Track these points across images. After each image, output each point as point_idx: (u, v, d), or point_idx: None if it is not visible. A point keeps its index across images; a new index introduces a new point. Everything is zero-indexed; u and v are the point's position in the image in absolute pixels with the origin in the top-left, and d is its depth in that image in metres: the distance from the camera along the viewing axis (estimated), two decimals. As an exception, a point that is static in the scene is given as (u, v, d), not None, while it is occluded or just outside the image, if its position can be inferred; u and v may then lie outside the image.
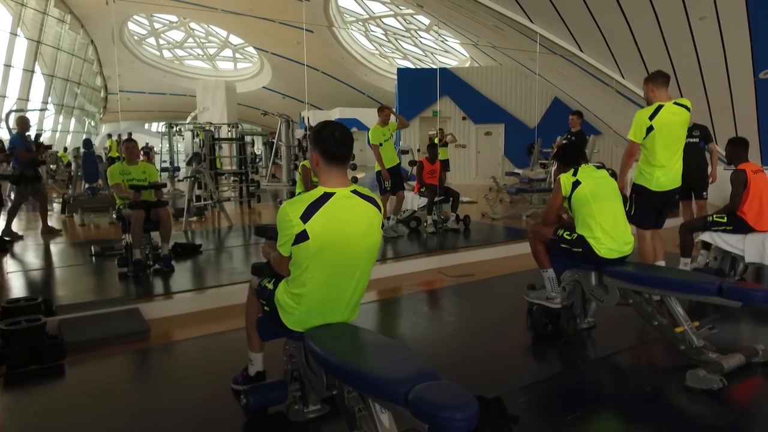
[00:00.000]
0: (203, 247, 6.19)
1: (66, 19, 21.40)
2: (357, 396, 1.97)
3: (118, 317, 3.73)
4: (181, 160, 14.03)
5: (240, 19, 21.51)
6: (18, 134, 7.27)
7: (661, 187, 3.98)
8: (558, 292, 3.51)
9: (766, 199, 4.37)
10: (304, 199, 2.13)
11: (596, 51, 8.62)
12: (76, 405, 2.69)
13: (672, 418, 2.52)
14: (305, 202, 2.11)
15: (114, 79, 24.92)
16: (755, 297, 2.80)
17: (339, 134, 2.17)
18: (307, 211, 2.08)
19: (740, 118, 8.12)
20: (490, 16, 8.94)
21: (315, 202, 2.10)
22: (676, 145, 3.99)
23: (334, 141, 2.16)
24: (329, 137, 2.16)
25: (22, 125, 7.38)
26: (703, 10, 6.66)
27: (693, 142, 5.79)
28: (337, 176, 2.19)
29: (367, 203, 2.20)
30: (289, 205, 2.13)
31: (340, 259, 2.14)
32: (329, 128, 2.19)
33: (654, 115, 3.88)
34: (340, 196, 2.14)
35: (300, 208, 2.09)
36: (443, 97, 14.47)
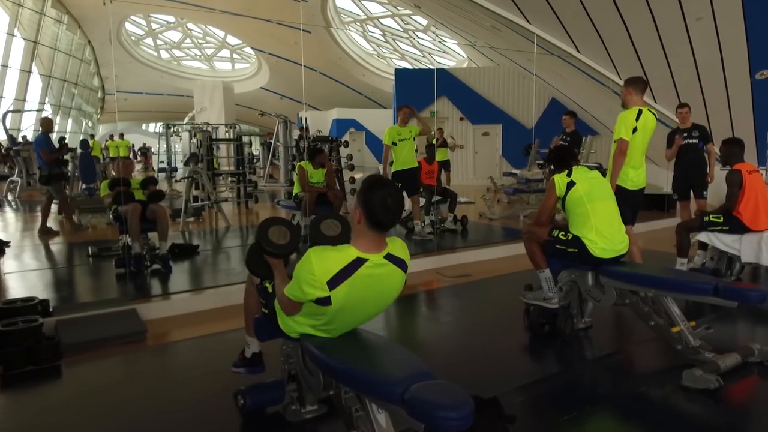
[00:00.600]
0: (200, 248, 6.19)
1: (63, 20, 21.38)
2: (354, 396, 1.98)
3: (115, 318, 3.73)
4: (178, 161, 14.03)
5: (237, 20, 21.50)
6: (42, 135, 7.47)
7: (635, 186, 4.23)
8: (555, 292, 3.52)
9: (762, 199, 4.38)
10: (334, 259, 1.94)
11: (593, 52, 8.63)
12: (73, 406, 2.69)
13: (668, 418, 2.52)
14: (336, 264, 1.93)
15: (111, 80, 24.90)
16: (751, 297, 2.80)
17: (391, 201, 1.94)
18: (337, 277, 1.92)
19: (737, 118, 8.15)
20: (487, 17, 8.95)
21: (346, 268, 1.94)
22: (645, 147, 4.26)
23: (384, 208, 1.94)
24: (380, 203, 1.93)
25: (45, 126, 7.57)
26: (700, 11, 6.68)
27: (692, 142, 5.87)
28: (374, 241, 2.00)
29: (397, 269, 2.07)
30: (318, 259, 1.94)
31: (358, 316, 2.12)
32: (381, 192, 1.95)
33: (637, 117, 4.10)
34: (373, 264, 1.98)
35: (329, 269, 1.92)
36: (441, 98, 14.50)
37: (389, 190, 1.97)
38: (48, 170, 7.24)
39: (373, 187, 1.97)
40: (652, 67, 8.33)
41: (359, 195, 2.00)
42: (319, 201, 6.36)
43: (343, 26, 23.55)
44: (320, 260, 1.94)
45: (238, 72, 30.89)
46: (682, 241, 4.72)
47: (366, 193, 1.96)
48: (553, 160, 3.60)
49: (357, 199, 2.00)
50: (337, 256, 1.95)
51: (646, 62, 8.26)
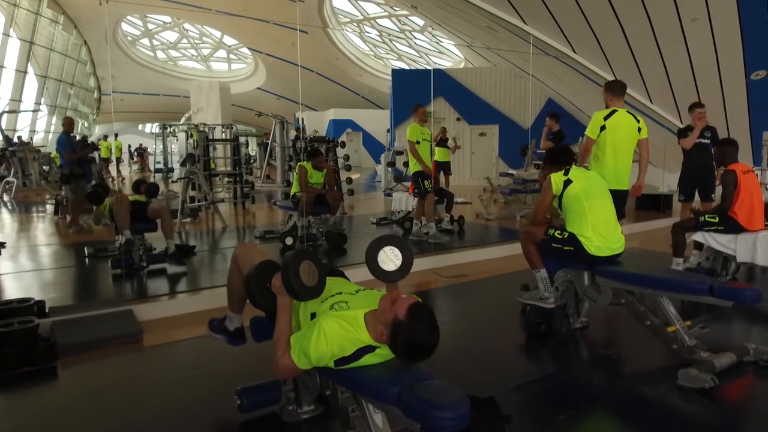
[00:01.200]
0: (197, 249, 6.18)
1: (59, 20, 21.32)
2: (350, 396, 1.98)
3: (111, 319, 3.72)
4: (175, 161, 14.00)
5: (234, 20, 21.49)
6: (63, 134, 7.58)
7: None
8: (551, 292, 3.53)
9: (757, 199, 4.40)
10: (348, 340, 1.86)
11: (589, 52, 8.66)
12: (69, 407, 2.69)
13: (664, 417, 2.53)
14: (349, 346, 1.86)
15: (107, 80, 24.82)
16: (746, 296, 2.82)
17: (429, 346, 1.77)
18: (345, 360, 1.87)
19: (732, 118, 8.18)
20: (483, 18, 8.96)
21: (357, 353, 1.87)
22: (624, 147, 4.33)
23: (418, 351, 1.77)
24: (418, 346, 1.75)
25: (67, 126, 7.67)
26: (695, 12, 6.71)
27: (704, 143, 5.81)
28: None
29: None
30: (333, 336, 1.85)
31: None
32: (421, 336, 1.74)
33: (608, 117, 4.35)
34: (382, 354, 1.90)
35: (343, 349, 1.86)
36: (438, 98, 14.50)
37: (431, 333, 1.76)
38: (69, 169, 7.30)
39: (415, 320, 1.74)
40: (647, 68, 8.36)
41: (394, 326, 1.76)
42: (317, 202, 6.36)
43: (339, 27, 23.56)
44: (335, 338, 1.85)
45: (234, 72, 30.87)
46: (677, 241, 4.73)
47: (407, 332, 1.74)
48: (555, 160, 3.60)
49: (392, 327, 1.77)
50: (350, 336, 1.85)
51: (642, 63, 8.29)
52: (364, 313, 1.92)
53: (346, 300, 2.06)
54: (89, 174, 8.85)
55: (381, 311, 1.84)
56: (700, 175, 5.84)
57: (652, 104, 9.23)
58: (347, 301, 2.05)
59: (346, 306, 2.01)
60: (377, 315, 1.86)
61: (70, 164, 7.30)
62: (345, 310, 1.98)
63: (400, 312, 1.75)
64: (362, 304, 2.00)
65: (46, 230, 8.12)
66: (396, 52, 26.04)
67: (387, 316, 1.79)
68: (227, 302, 2.61)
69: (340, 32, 24.02)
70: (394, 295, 1.85)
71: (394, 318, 1.75)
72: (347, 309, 1.98)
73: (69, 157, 7.27)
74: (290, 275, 2.01)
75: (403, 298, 1.84)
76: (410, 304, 1.76)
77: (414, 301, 1.80)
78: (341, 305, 2.02)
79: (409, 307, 1.75)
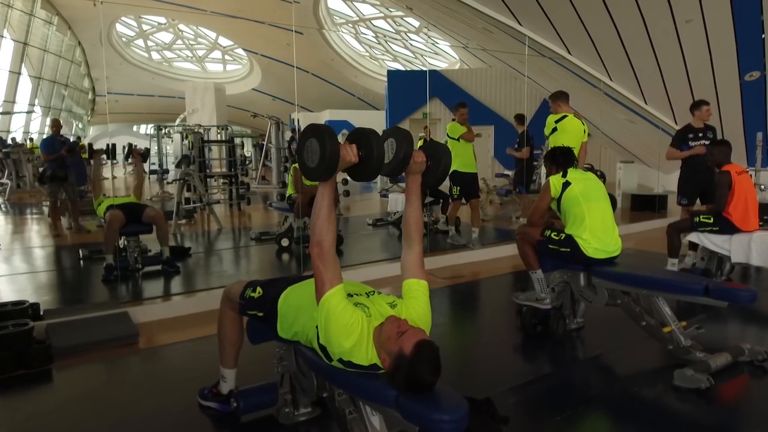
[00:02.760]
0: (193, 250, 6.16)
1: (53, 21, 21.22)
2: (348, 398, 1.97)
3: (106, 321, 3.70)
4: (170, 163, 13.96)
5: (229, 21, 21.42)
6: (48, 136, 7.52)
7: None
8: (547, 293, 3.54)
9: (751, 199, 4.42)
10: (364, 349, 1.82)
11: (584, 54, 8.68)
12: (64, 410, 2.67)
13: (660, 417, 2.54)
14: (361, 356, 1.82)
15: (102, 81, 24.70)
16: (741, 297, 2.83)
17: (429, 384, 1.70)
18: (350, 364, 1.84)
19: (726, 119, 8.22)
20: (479, 19, 8.97)
21: (363, 366, 1.83)
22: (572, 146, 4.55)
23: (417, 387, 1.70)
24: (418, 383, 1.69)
25: (52, 128, 7.66)
26: (690, 14, 6.74)
27: (707, 144, 5.36)
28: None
29: None
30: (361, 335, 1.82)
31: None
32: (423, 376, 1.68)
33: (559, 120, 5.08)
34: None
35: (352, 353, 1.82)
36: (433, 99, 14.51)
37: (435, 366, 1.69)
38: (51, 171, 7.20)
39: (421, 357, 1.68)
40: (642, 69, 8.39)
41: (398, 359, 1.71)
42: (313, 203, 6.34)
43: (335, 28, 23.54)
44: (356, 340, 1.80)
45: (229, 73, 30.79)
46: (672, 242, 4.75)
47: (409, 368, 1.68)
48: (556, 161, 3.61)
49: (395, 359, 1.72)
50: (364, 347, 1.81)
51: (637, 64, 8.32)
52: (373, 327, 1.86)
53: (366, 305, 1.97)
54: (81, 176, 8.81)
55: (386, 338, 1.78)
56: (704, 178, 5.37)
57: (647, 105, 9.26)
58: (368, 306, 1.96)
59: (369, 312, 1.92)
60: (383, 340, 1.80)
61: (53, 165, 7.15)
62: (369, 316, 1.90)
63: (406, 347, 1.70)
64: (377, 313, 1.93)
65: (40, 232, 8.08)
66: (391, 53, 26.02)
67: (392, 347, 1.74)
68: (219, 356, 2.49)
69: (335, 33, 24.01)
70: (402, 325, 1.80)
71: (400, 351, 1.70)
72: (369, 316, 1.90)
73: (45, 158, 7.22)
74: (374, 145, 1.90)
75: (411, 330, 1.78)
76: (417, 342, 1.71)
77: (421, 338, 1.75)
78: (365, 309, 1.93)
79: (416, 345, 1.70)
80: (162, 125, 14.28)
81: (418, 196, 2.16)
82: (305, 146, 1.93)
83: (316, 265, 1.88)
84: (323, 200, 1.93)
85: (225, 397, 2.49)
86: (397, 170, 2.11)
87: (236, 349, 2.48)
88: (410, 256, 2.15)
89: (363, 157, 1.92)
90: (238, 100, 27.06)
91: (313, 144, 1.89)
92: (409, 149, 2.04)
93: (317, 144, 1.87)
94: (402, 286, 2.13)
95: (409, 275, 2.13)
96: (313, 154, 1.89)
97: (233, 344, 2.46)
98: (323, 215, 1.91)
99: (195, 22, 25.61)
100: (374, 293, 2.12)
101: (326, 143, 1.84)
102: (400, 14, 20.92)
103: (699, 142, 5.44)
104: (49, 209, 7.42)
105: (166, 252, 5.19)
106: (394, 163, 2.06)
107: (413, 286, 2.10)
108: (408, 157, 2.05)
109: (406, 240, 2.17)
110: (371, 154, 1.91)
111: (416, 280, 2.11)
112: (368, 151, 1.91)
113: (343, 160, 1.89)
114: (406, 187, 2.18)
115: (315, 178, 1.93)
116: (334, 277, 1.87)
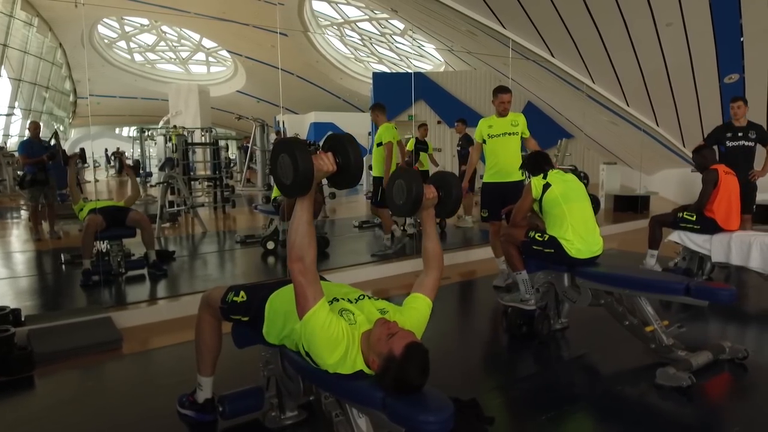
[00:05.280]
0: (177, 254, 6.11)
1: (33, 22, 20.92)
2: (334, 401, 1.97)
3: (89, 326, 3.66)
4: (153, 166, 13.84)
5: (213, 23, 21.29)
6: (27, 139, 7.40)
7: (491, 179, 4.74)
8: (532, 293, 3.57)
9: (734, 200, 4.50)
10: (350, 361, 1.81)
11: (567, 56, 8.77)
12: (47, 417, 2.63)
13: (643, 415, 2.58)
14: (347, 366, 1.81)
15: (84, 83, 24.43)
16: (721, 296, 2.88)
17: (417, 386, 1.70)
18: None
19: (706, 121, 8.34)
20: (463, 22, 9.02)
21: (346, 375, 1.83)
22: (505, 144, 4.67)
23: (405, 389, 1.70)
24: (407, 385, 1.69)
25: (31, 130, 7.50)
26: (670, 17, 6.84)
27: (748, 145, 5.12)
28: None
29: None
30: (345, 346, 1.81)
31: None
32: (412, 378, 1.68)
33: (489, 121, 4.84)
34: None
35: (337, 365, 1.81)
36: (418, 102, 14.58)
37: (422, 371, 1.70)
38: (31, 175, 7.09)
39: (410, 359, 1.68)
40: (624, 71, 8.50)
41: (387, 361, 1.70)
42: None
43: (320, 30, 23.52)
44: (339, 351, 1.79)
45: (213, 75, 30.59)
46: (654, 234, 4.84)
47: (399, 369, 1.67)
48: (529, 167, 3.68)
49: (384, 361, 1.72)
50: (349, 358, 1.81)
51: (619, 67, 8.43)
52: (361, 333, 1.86)
53: (352, 311, 1.96)
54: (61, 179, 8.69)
55: (375, 340, 1.78)
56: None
57: (629, 107, 9.38)
58: (354, 312, 1.95)
59: (354, 319, 1.91)
60: (372, 343, 1.80)
61: (33, 169, 7.02)
62: (353, 324, 1.89)
63: (396, 349, 1.70)
64: (364, 319, 1.92)
65: (20, 236, 7.96)
66: (377, 56, 26.06)
67: (382, 348, 1.74)
68: (196, 363, 2.45)
69: (320, 35, 23.98)
70: (392, 327, 1.80)
71: (389, 353, 1.71)
72: (354, 324, 1.89)
73: (23, 161, 7.12)
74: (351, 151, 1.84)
75: (401, 332, 1.78)
76: (407, 343, 1.71)
77: (411, 340, 1.75)
78: (349, 316, 1.92)
79: (406, 347, 1.70)
80: (145, 128, 14.16)
81: (433, 228, 2.24)
82: (278, 163, 1.84)
83: (299, 281, 1.83)
84: (303, 214, 1.85)
85: (201, 406, 2.45)
86: (411, 212, 2.15)
87: (214, 356, 2.44)
88: (428, 277, 2.21)
89: (341, 165, 1.85)
90: (222, 102, 26.92)
91: (285, 160, 1.81)
92: (419, 190, 2.06)
93: (289, 159, 1.79)
94: (408, 295, 2.16)
95: (419, 290, 2.17)
96: (286, 170, 1.81)
97: (211, 351, 2.42)
98: (303, 230, 1.84)
99: (178, 24, 25.42)
100: (363, 298, 2.11)
101: (297, 157, 1.76)
102: (385, 17, 20.96)
103: (738, 143, 5.08)
104: (29, 213, 7.32)
105: (153, 255, 5.14)
106: (408, 206, 2.10)
107: (419, 301, 2.13)
108: (420, 197, 2.07)
109: (426, 268, 2.24)
110: (349, 160, 1.85)
111: (424, 297, 2.14)
112: (345, 157, 1.85)
113: (320, 170, 1.82)
114: (421, 221, 2.25)
115: (293, 195, 1.85)
116: (317, 292, 1.84)
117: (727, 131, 5.18)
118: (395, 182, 2.15)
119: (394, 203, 2.19)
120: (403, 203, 2.11)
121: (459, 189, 2.21)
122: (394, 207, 2.21)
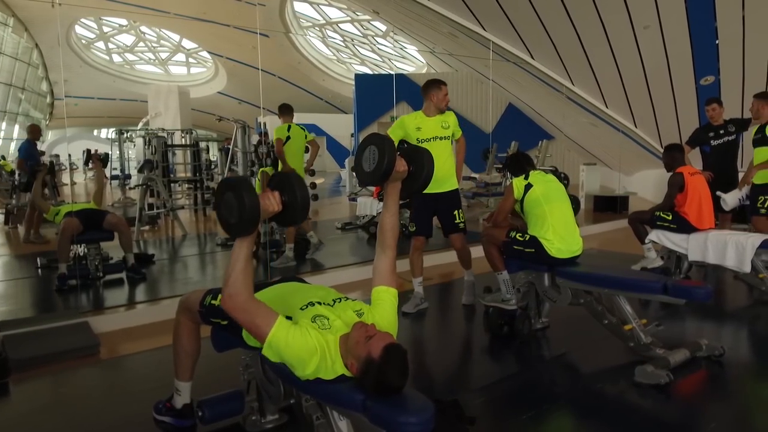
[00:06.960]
0: (156, 257, 6.03)
1: (8, 22, 20.53)
2: (315, 404, 1.96)
3: (65, 332, 3.59)
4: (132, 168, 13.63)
5: (193, 24, 21.11)
6: (26, 141, 7.32)
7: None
8: (513, 294, 3.59)
9: (705, 199, 4.58)
10: (328, 368, 1.80)
11: (547, 59, 8.85)
12: (23, 424, 2.58)
13: (622, 413, 2.61)
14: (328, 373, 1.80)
15: (60, 84, 24.00)
16: (697, 294, 2.93)
17: (397, 387, 1.70)
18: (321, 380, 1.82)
19: (683, 122, 8.49)
20: (444, 24, 9.07)
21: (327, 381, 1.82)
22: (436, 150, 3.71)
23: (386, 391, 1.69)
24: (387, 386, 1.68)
25: (29, 134, 7.47)
26: (647, 20, 6.94)
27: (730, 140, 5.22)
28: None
29: None
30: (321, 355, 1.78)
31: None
32: (392, 379, 1.68)
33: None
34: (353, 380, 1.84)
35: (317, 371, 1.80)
36: (400, 103, 14.57)
37: (403, 372, 1.69)
38: (27, 178, 6.97)
39: (389, 360, 1.68)
40: (602, 73, 8.60)
41: (367, 364, 1.70)
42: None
43: (301, 31, 23.44)
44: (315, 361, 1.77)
45: (194, 76, 30.30)
46: (638, 230, 4.94)
47: (379, 371, 1.67)
48: (511, 168, 3.71)
49: (364, 364, 1.71)
50: (327, 365, 1.79)
51: (597, 68, 8.53)
52: (339, 337, 1.85)
53: (327, 315, 1.93)
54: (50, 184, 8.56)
55: (354, 343, 1.77)
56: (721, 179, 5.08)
57: (608, 109, 9.50)
58: (328, 317, 1.93)
59: (328, 324, 1.89)
60: (350, 346, 1.79)
61: (29, 173, 6.98)
62: (327, 329, 1.86)
63: (374, 351, 1.70)
64: (341, 323, 1.91)
65: (-5, 240, 7.79)
66: (359, 57, 26.06)
67: (360, 351, 1.73)
68: (174, 368, 2.40)
69: (302, 36, 23.90)
70: (369, 330, 1.80)
71: (368, 356, 1.70)
72: (329, 329, 1.87)
73: (20, 165, 6.99)
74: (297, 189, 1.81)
75: (379, 334, 1.78)
76: (386, 345, 1.71)
77: (389, 341, 1.75)
78: (323, 321, 1.90)
79: (385, 348, 1.70)
80: (124, 129, 13.93)
81: (395, 202, 2.13)
82: (223, 200, 1.80)
83: (242, 318, 1.82)
84: (242, 251, 1.82)
85: (179, 412, 2.40)
86: (378, 182, 2.06)
87: (193, 360, 2.40)
88: (383, 262, 2.15)
89: (287, 203, 1.83)
90: (202, 103, 26.65)
91: (229, 198, 1.77)
92: (392, 160, 1.98)
93: (234, 198, 1.75)
94: (371, 292, 2.12)
95: (379, 281, 2.13)
96: (231, 209, 1.77)
97: (190, 355, 2.38)
98: (239, 267, 1.80)
99: (158, 25, 25.14)
100: (342, 300, 2.09)
101: (243, 197, 1.72)
102: (367, 18, 20.97)
103: (720, 141, 5.23)
104: (26, 217, 7.14)
105: (131, 259, 5.07)
106: (376, 174, 2.01)
107: (382, 294, 2.10)
108: (391, 168, 1.99)
109: (380, 245, 2.16)
110: (295, 199, 1.83)
111: (386, 288, 2.11)
112: (291, 196, 1.83)
113: (266, 210, 1.81)
114: (384, 192, 2.14)
115: (236, 234, 1.82)
116: (268, 316, 1.82)
117: (709, 131, 5.35)
118: (367, 147, 2.03)
119: (361, 169, 2.07)
120: (371, 171, 2.02)
121: (431, 166, 2.10)
122: (361, 173, 2.09)
